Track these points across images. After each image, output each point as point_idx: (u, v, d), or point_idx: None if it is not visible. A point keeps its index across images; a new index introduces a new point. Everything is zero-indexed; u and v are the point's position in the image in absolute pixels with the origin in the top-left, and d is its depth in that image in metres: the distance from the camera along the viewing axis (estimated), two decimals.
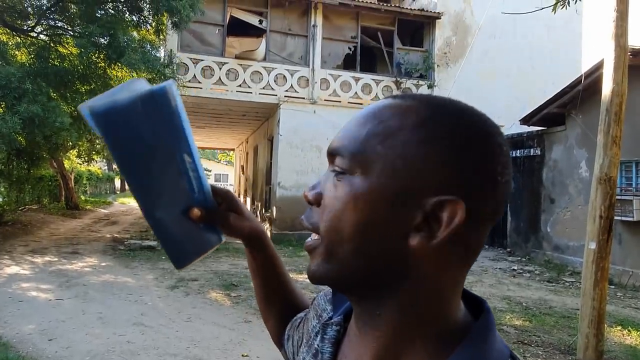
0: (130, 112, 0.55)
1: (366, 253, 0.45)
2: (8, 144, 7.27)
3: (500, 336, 0.47)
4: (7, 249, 9.00)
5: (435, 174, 0.43)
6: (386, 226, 0.44)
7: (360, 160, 0.45)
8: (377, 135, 0.45)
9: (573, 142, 9.32)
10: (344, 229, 0.45)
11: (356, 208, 0.44)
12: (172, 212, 0.61)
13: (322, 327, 0.58)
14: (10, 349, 3.99)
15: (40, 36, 10.45)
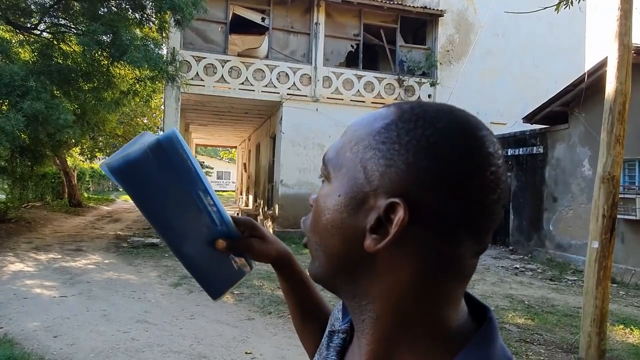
0: (142, 163, 0.61)
1: (333, 254, 0.48)
2: (12, 141, 7.29)
3: (503, 345, 0.45)
4: (11, 246, 9.05)
5: (388, 177, 0.43)
6: (346, 228, 0.46)
7: (332, 166, 0.49)
8: (349, 142, 0.48)
9: (576, 141, 9.30)
10: (316, 229, 0.49)
11: (325, 210, 0.48)
12: (198, 246, 0.67)
13: (328, 335, 0.59)
14: (16, 345, 4.02)
15: (43, 34, 10.46)
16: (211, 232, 0.67)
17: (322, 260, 0.49)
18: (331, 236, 0.47)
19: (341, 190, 0.46)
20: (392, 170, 0.43)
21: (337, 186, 0.47)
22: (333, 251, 0.47)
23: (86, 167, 24.05)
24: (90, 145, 17.84)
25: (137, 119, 18.50)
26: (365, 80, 12.33)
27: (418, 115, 0.45)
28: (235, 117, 14.97)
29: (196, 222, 0.65)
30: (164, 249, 9.38)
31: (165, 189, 0.63)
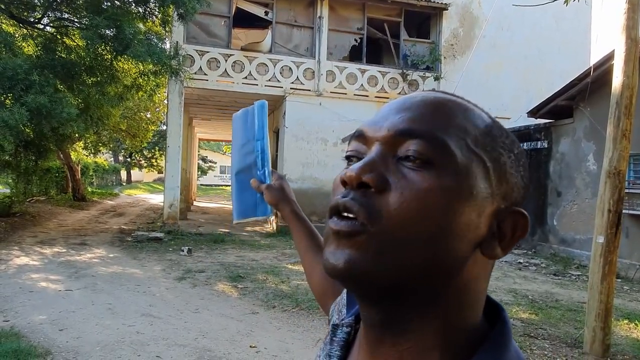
0: (244, 115, 1.04)
1: (436, 255, 0.41)
2: (16, 135, 7.31)
3: (517, 348, 0.44)
4: (17, 240, 9.10)
5: (513, 185, 0.44)
6: (466, 231, 0.41)
7: (451, 154, 0.41)
8: (463, 131, 0.43)
9: (581, 135, 9.26)
10: (422, 226, 0.40)
11: (444, 206, 0.40)
12: (244, 176, 0.99)
13: (332, 329, 0.55)
14: (22, 338, 4.05)
15: (47, 28, 10.46)
16: (254, 171, 0.97)
17: (405, 259, 0.41)
18: (442, 236, 0.40)
19: (465, 186, 0.41)
20: (513, 180, 0.44)
21: (459, 180, 0.41)
22: (435, 252, 0.41)
23: (90, 162, 24.11)
24: (94, 140, 17.87)
25: (141, 114, 18.51)
26: (369, 74, 12.29)
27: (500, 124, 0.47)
28: None
29: (251, 160, 0.98)
30: (167, 243, 9.41)
31: (248, 131, 1.00)
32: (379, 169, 0.42)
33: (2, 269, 6.71)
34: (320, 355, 0.57)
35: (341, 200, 0.43)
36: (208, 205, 20.66)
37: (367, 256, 0.41)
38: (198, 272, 6.90)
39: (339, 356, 0.52)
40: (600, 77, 7.82)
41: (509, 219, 0.43)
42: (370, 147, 0.45)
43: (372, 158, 0.43)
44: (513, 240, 0.43)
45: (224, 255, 8.42)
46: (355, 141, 0.47)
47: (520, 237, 0.43)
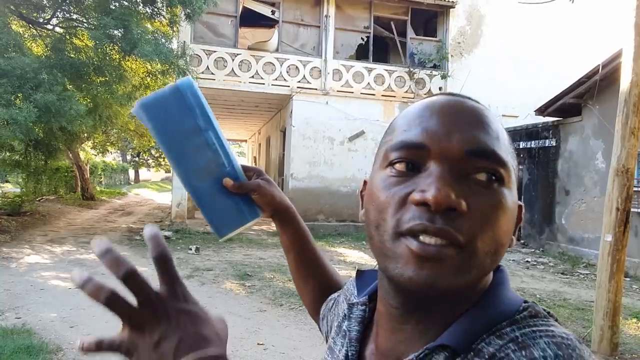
0: (162, 102, 0.70)
1: (501, 258, 0.48)
2: (25, 133, 7.38)
3: (512, 290, 0.51)
4: (27, 238, 9.21)
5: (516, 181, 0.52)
6: (512, 234, 0.49)
7: (510, 170, 0.48)
8: (508, 145, 0.49)
9: (589, 133, 9.19)
10: (498, 239, 0.46)
11: (509, 219, 0.47)
12: (207, 182, 0.73)
13: (348, 308, 0.60)
14: (34, 335, 4.11)
15: (56, 29, 10.56)
16: (220, 170, 0.73)
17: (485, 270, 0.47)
18: (504, 244, 0.47)
19: (514, 196, 0.49)
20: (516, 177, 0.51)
21: (512, 192, 0.48)
22: (499, 256, 0.48)
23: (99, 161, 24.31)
24: (102, 140, 18.03)
25: None
26: (376, 73, 12.28)
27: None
28: (246, 111, 15.01)
29: (206, 159, 0.72)
30: (175, 241, 9.48)
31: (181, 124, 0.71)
32: (460, 191, 0.44)
33: (14, 267, 6.81)
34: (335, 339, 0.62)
35: (431, 227, 0.43)
36: None
37: (453, 276, 0.44)
38: (206, 271, 6.94)
39: (357, 330, 0.57)
40: (609, 75, 7.77)
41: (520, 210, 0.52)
42: (434, 162, 0.46)
43: (449, 179, 0.45)
44: (517, 228, 0.51)
45: (231, 254, 8.47)
46: (411, 150, 0.47)
47: (519, 223, 0.52)
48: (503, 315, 0.47)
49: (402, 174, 0.47)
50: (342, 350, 0.58)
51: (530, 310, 0.47)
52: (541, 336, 0.42)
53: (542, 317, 0.47)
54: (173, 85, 0.71)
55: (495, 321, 0.46)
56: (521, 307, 0.48)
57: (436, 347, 0.45)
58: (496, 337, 0.44)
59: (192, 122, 0.71)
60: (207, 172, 0.72)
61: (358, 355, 0.56)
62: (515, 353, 0.41)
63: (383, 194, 0.47)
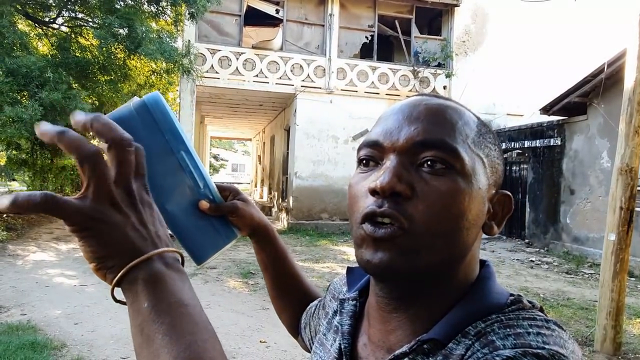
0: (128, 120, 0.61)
1: (458, 245, 0.49)
2: (31, 131, 7.42)
3: (499, 284, 0.54)
4: (33, 236, 9.28)
5: (496, 172, 0.54)
6: (477, 220, 0.50)
7: (461, 158, 0.49)
8: (466, 135, 0.51)
9: (594, 132, 9.14)
10: (447, 223, 0.48)
11: (462, 204, 0.48)
12: (180, 206, 0.66)
13: (339, 303, 0.62)
14: (39, 331, 4.16)
15: (61, 28, 10.62)
16: (194, 193, 0.67)
17: (443, 253, 0.49)
18: (459, 229, 0.49)
19: (474, 183, 0.50)
20: (499, 167, 0.54)
21: (469, 178, 0.49)
22: (463, 241, 0.50)
23: None
24: None
25: None
26: (380, 71, 12.27)
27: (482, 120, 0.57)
28: (250, 110, 15.04)
29: (178, 181, 0.66)
30: None
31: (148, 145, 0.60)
32: (406, 178, 0.49)
33: (19, 264, 6.87)
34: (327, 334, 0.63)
35: (378, 210, 0.48)
36: None
37: (404, 256, 0.48)
38: (209, 269, 6.98)
39: (349, 324, 0.59)
40: (614, 74, 7.72)
41: (499, 200, 0.53)
42: (387, 156, 0.51)
43: (397, 168, 0.49)
44: (503, 218, 0.54)
45: (235, 252, 8.49)
46: (370, 148, 0.53)
47: (508, 214, 0.54)
48: (491, 309, 0.49)
49: (367, 170, 0.53)
50: (335, 344, 0.60)
51: (518, 304, 0.50)
52: (524, 318, 0.46)
53: (527, 309, 0.49)
54: (138, 102, 0.63)
55: (484, 313, 0.49)
56: (508, 300, 0.50)
57: (427, 341, 0.47)
58: (482, 322, 0.47)
59: (162, 141, 0.64)
60: (181, 195, 0.66)
61: (351, 348, 0.57)
62: (500, 330, 0.45)
63: (353, 189, 0.53)
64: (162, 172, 0.64)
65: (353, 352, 0.57)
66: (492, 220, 0.53)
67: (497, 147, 0.55)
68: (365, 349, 0.56)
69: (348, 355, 0.56)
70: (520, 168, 11.33)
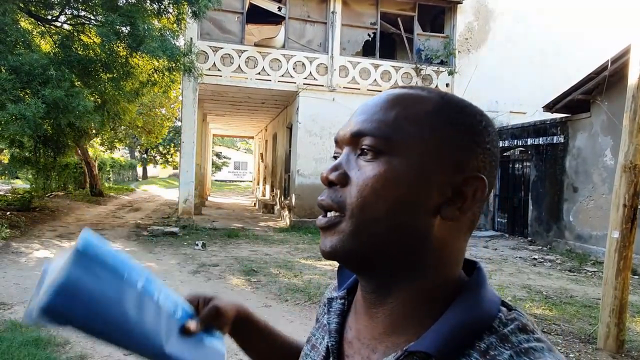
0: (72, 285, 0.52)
1: (400, 228, 0.49)
2: (33, 128, 7.44)
3: (491, 289, 0.51)
4: (36, 233, 9.31)
5: (457, 154, 0.49)
6: (419, 202, 0.48)
7: (394, 141, 0.49)
8: (406, 118, 0.50)
9: (598, 130, 9.11)
10: (379, 206, 0.48)
11: (394, 186, 0.48)
12: (173, 341, 0.60)
13: (327, 302, 0.63)
14: (42, 329, 4.17)
15: (64, 26, 10.64)
16: (174, 319, 0.61)
17: (376, 238, 0.49)
18: (400, 211, 0.48)
19: (416, 165, 0.48)
20: (464, 148, 0.50)
21: (410, 163, 0.48)
22: (398, 226, 0.48)
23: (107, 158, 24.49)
24: (110, 136, 18.17)
25: (156, 110, 18.73)
26: (382, 69, 12.24)
27: (459, 101, 0.53)
28: (252, 107, 15.04)
29: (155, 317, 0.58)
30: (182, 237, 9.54)
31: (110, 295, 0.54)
32: (342, 168, 0.52)
33: (23, 261, 6.89)
34: (315, 334, 0.64)
35: (319, 200, 0.53)
36: (222, 200, 20.84)
37: (344, 240, 0.50)
38: (212, 266, 6.99)
39: (336, 322, 0.59)
40: (618, 71, 7.69)
41: (470, 184, 0.49)
42: (342, 149, 0.54)
43: (339, 159, 0.53)
44: (474, 202, 0.49)
45: (237, 250, 8.51)
46: (335, 145, 0.56)
47: (481, 198, 0.50)
48: (486, 320, 0.47)
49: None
50: (323, 342, 0.60)
51: (517, 324, 0.47)
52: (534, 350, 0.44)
53: (530, 332, 0.47)
54: (73, 256, 0.53)
55: (477, 328, 0.47)
56: (504, 316, 0.48)
57: (415, 353, 0.46)
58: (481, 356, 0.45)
59: (120, 285, 0.55)
60: (165, 330, 0.59)
61: (338, 347, 0.57)
62: None
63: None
64: (135, 319, 0.56)
65: (340, 349, 0.57)
66: (454, 205, 0.49)
67: (471, 130, 0.50)
68: (351, 346, 0.56)
69: (335, 354, 0.56)
70: (523, 166, 11.31)
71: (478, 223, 0.54)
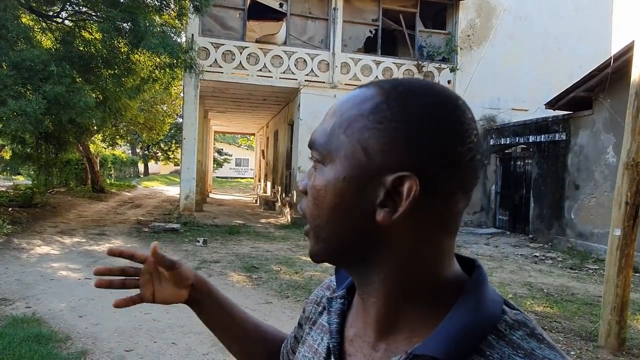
0: None
1: (342, 232, 0.50)
2: (34, 124, 7.43)
3: (492, 288, 0.51)
4: (38, 230, 9.33)
5: (391, 153, 0.47)
6: (354, 207, 0.48)
7: (327, 150, 0.50)
8: (340, 126, 0.50)
9: (600, 127, 9.08)
10: (321, 213, 0.51)
11: (327, 194, 0.49)
12: None
13: (327, 302, 0.62)
14: (43, 324, 4.18)
15: (65, 22, 10.62)
16: None
17: (328, 242, 0.51)
18: (338, 218, 0.49)
19: (344, 172, 0.48)
20: (394, 147, 0.47)
21: (339, 169, 0.49)
22: (340, 231, 0.50)
23: (108, 154, 24.50)
24: (111, 133, 18.16)
25: (157, 106, 18.72)
26: (384, 66, 12.21)
27: (405, 93, 0.48)
28: (254, 104, 15.02)
29: None
30: (183, 234, 9.55)
31: None
32: (305, 179, 0.54)
33: (24, 257, 6.91)
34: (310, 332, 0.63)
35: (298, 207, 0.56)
36: (223, 197, 20.85)
37: (313, 244, 0.53)
38: (213, 263, 6.99)
39: (337, 322, 0.58)
40: (621, 68, 7.65)
41: (404, 182, 0.46)
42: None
43: (309, 170, 0.54)
44: (407, 201, 0.46)
45: (238, 247, 8.51)
46: None
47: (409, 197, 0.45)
48: (489, 322, 0.47)
49: None
50: (323, 343, 0.60)
51: (526, 330, 0.46)
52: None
53: (541, 339, 0.46)
54: None
55: (483, 330, 0.46)
56: (509, 317, 0.47)
57: (421, 356, 0.46)
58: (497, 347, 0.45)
59: None
60: None
61: (339, 347, 0.57)
62: None
63: None
64: None
65: (341, 350, 0.57)
66: (387, 207, 0.46)
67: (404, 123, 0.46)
68: (352, 344, 0.56)
69: (337, 355, 0.56)
70: (524, 163, 11.29)
71: (456, 222, 0.50)
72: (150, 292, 0.78)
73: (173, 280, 0.77)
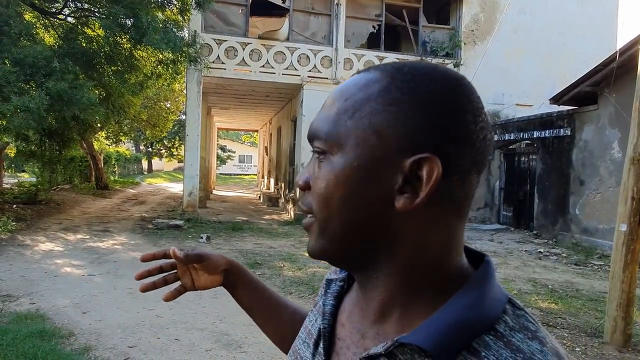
0: None
1: (355, 223, 0.47)
2: (38, 121, 7.43)
3: (498, 285, 0.48)
4: (42, 226, 9.36)
5: (406, 135, 0.44)
6: (370, 195, 0.46)
7: (334, 139, 0.47)
8: (345, 111, 0.47)
9: (605, 122, 9.01)
10: (332, 205, 0.48)
11: (339, 184, 0.47)
12: None
13: (326, 283, 0.61)
14: (47, 320, 4.19)
15: (67, 18, 10.61)
16: None
17: (336, 235, 0.49)
18: (351, 208, 0.47)
19: (356, 159, 0.46)
20: (408, 129, 0.44)
21: (350, 156, 0.46)
22: (352, 222, 0.47)
23: (112, 151, 24.56)
24: (115, 130, 18.17)
25: (161, 103, 18.71)
26: (387, 61, 12.11)
27: (411, 74, 0.47)
28: (257, 101, 15.00)
29: None
30: (187, 230, 9.56)
31: None
32: (306, 174, 0.52)
33: (28, 254, 6.93)
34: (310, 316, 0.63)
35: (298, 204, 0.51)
36: (227, 193, 20.87)
37: (316, 240, 0.51)
38: None
39: (332, 304, 0.58)
40: (626, 62, 7.58)
41: (423, 165, 0.44)
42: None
43: (308, 165, 0.53)
44: (429, 185, 0.44)
45: (242, 243, 8.51)
46: None
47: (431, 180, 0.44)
48: (485, 320, 0.44)
49: None
50: (316, 324, 0.59)
51: (527, 332, 0.44)
52: None
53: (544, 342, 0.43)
54: None
55: (477, 327, 0.43)
56: (510, 318, 0.44)
57: (407, 345, 0.43)
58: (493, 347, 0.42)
59: None
60: None
61: (330, 329, 0.56)
62: None
63: None
64: None
65: (332, 332, 0.56)
66: (407, 193, 0.44)
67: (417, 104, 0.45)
68: (343, 328, 0.54)
69: (326, 337, 0.55)
70: (529, 159, 11.22)
71: (468, 206, 0.48)
72: (190, 280, 0.86)
73: (205, 269, 0.84)
